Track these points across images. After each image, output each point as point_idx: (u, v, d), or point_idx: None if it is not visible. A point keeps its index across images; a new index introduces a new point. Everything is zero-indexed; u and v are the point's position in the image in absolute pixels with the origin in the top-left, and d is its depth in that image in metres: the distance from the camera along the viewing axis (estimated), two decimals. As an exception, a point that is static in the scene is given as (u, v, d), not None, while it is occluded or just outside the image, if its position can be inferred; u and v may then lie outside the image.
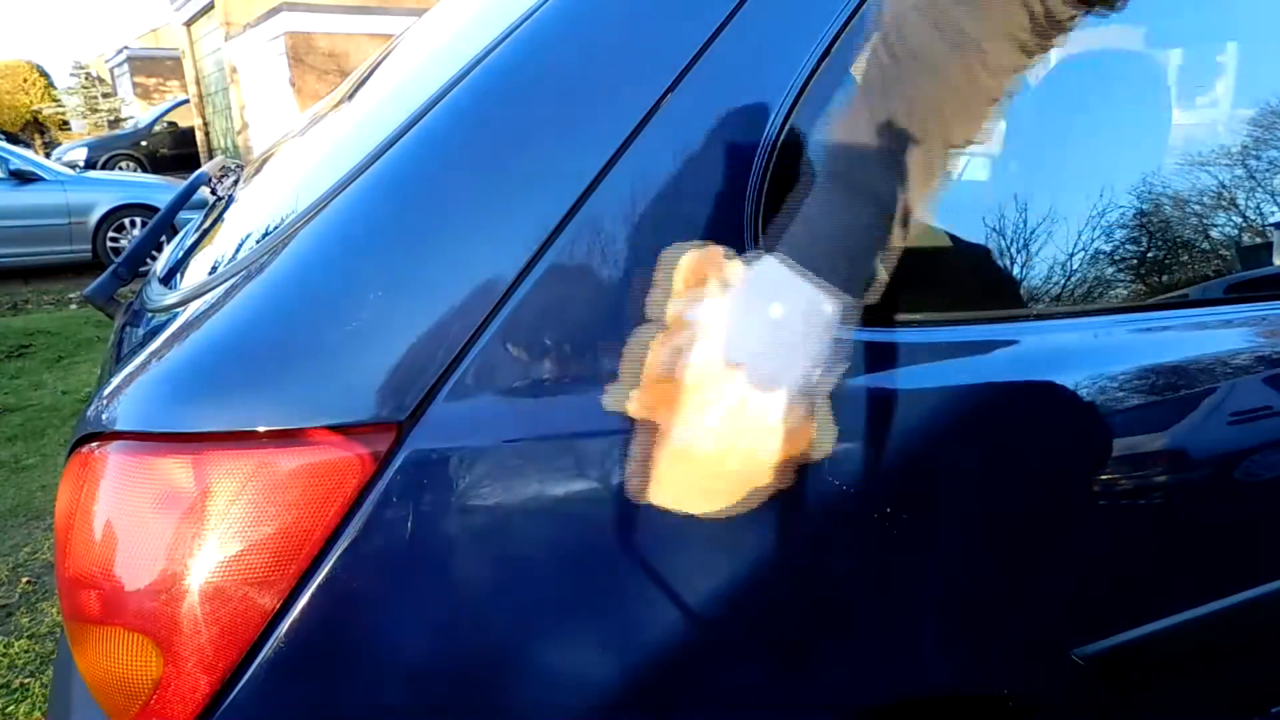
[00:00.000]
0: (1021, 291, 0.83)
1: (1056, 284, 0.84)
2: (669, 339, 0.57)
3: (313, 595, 0.56)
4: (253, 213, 0.90)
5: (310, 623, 0.57)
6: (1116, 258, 0.87)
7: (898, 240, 0.58)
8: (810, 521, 0.67)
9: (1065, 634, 0.81)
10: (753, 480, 0.57)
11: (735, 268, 0.58)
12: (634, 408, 0.58)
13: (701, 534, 0.64)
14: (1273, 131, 1.00)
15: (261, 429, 0.57)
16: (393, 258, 0.61)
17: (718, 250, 0.59)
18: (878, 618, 0.71)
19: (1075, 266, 0.84)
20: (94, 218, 6.89)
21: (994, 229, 0.82)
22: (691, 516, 0.60)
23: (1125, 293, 0.88)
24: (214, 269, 0.77)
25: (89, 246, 6.91)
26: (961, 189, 0.88)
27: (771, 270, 0.57)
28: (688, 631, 0.65)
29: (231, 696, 0.57)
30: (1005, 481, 0.74)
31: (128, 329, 0.88)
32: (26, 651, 1.91)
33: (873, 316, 0.70)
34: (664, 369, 0.56)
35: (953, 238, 0.83)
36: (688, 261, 0.58)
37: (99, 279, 1.10)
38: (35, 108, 23.40)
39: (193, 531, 0.55)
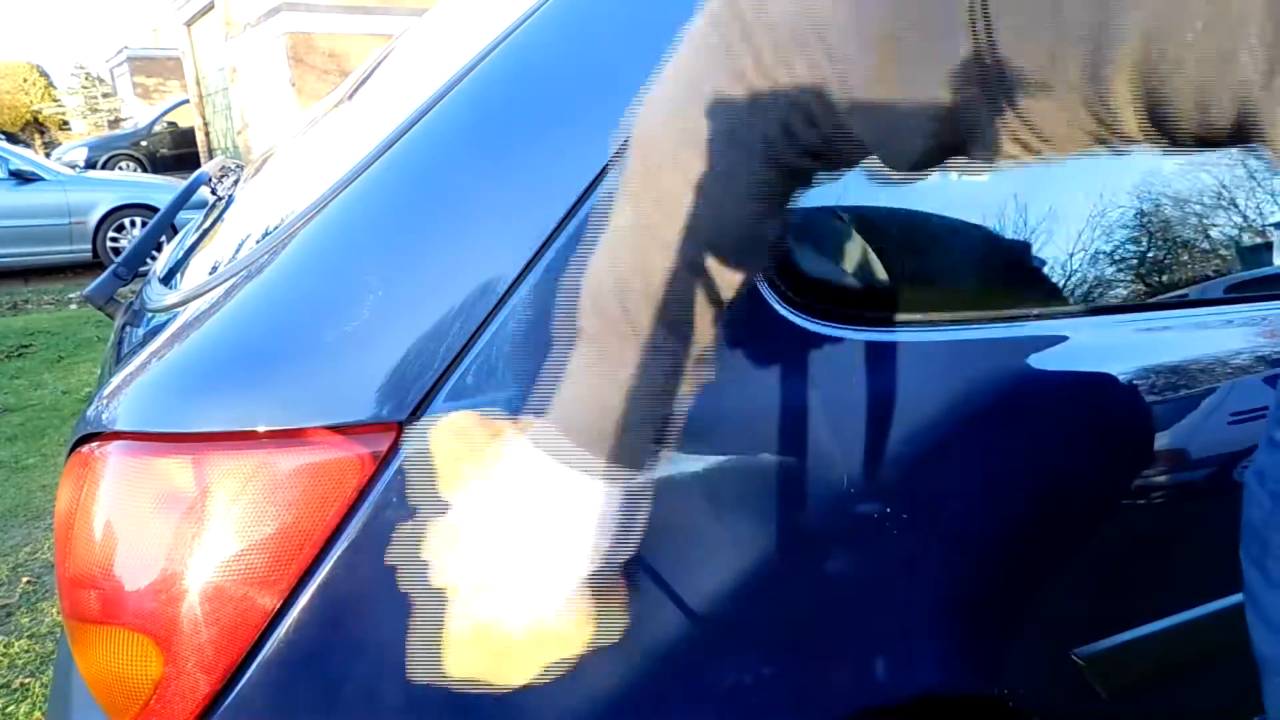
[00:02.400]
0: (1020, 292, 0.83)
1: (1056, 284, 0.84)
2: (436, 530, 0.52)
3: (313, 595, 0.56)
4: (253, 213, 0.90)
5: (310, 623, 0.57)
6: (1116, 258, 0.87)
7: (688, 385, 0.50)
8: (809, 521, 0.67)
9: (1065, 634, 0.81)
10: (548, 657, 0.52)
11: (488, 451, 0.51)
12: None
13: (701, 534, 0.64)
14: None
15: (262, 429, 0.57)
16: (393, 258, 0.61)
17: (470, 427, 0.52)
18: (877, 618, 0.71)
19: (1075, 266, 0.84)
20: (94, 218, 6.90)
21: (993, 229, 0.82)
22: (691, 516, 0.60)
23: (1125, 293, 0.88)
24: (214, 269, 0.77)
25: (89, 246, 6.91)
26: (960, 188, 0.88)
27: (526, 456, 0.50)
28: (687, 631, 0.65)
29: (232, 696, 0.57)
30: (1005, 481, 0.74)
31: (128, 329, 0.88)
32: (26, 651, 1.91)
33: (869, 316, 0.71)
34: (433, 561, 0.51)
35: (953, 238, 0.83)
36: (443, 442, 0.52)
37: (99, 279, 1.10)
38: (35, 108, 23.40)
39: (193, 531, 0.55)
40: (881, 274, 0.78)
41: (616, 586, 0.53)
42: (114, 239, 6.97)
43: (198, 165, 10.39)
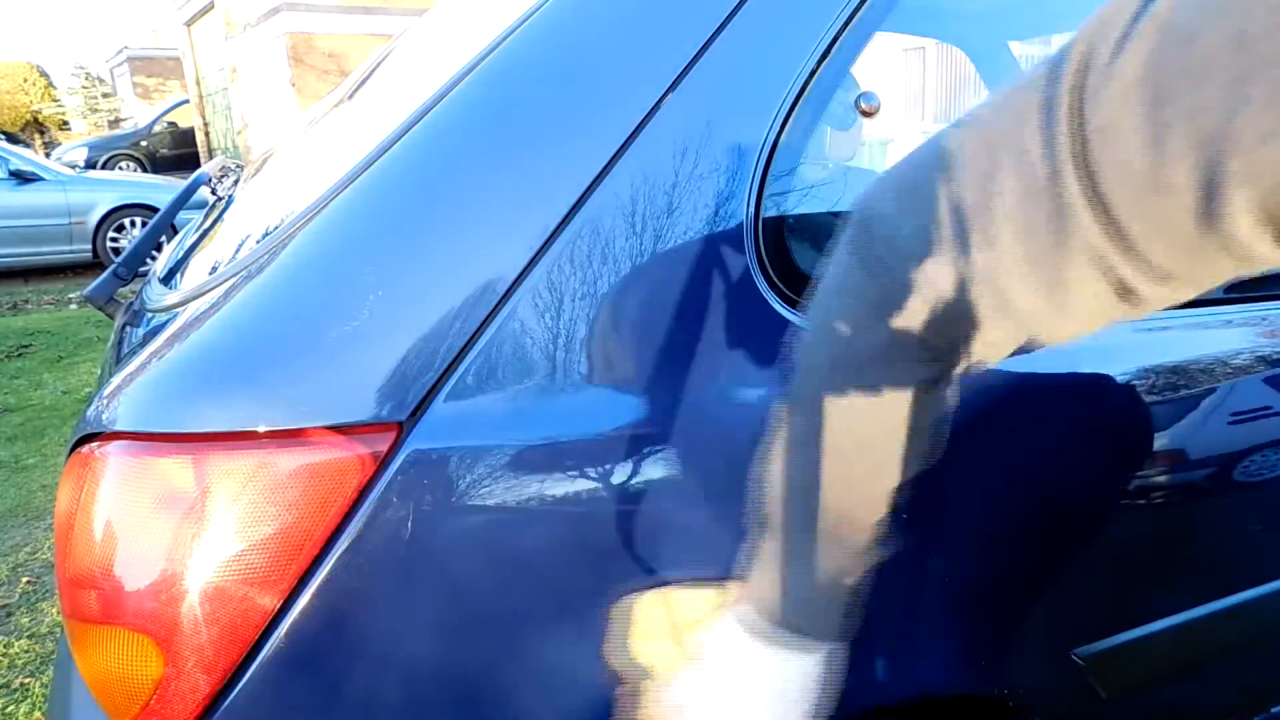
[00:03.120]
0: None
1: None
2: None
3: (313, 595, 0.56)
4: (253, 213, 0.90)
5: (311, 623, 0.57)
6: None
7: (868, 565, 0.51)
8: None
9: (1065, 634, 0.81)
10: None
11: (694, 635, 0.53)
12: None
13: (701, 534, 0.64)
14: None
15: (262, 429, 0.57)
16: (393, 258, 0.61)
17: (671, 608, 0.55)
18: (877, 618, 0.71)
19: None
20: (94, 218, 6.90)
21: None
22: (691, 516, 0.60)
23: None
24: (214, 269, 0.77)
25: (89, 246, 6.91)
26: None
27: (734, 639, 0.51)
28: (688, 631, 0.65)
29: (232, 696, 0.57)
30: (1005, 481, 0.74)
31: (128, 329, 0.88)
32: (26, 651, 1.91)
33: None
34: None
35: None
36: (644, 623, 0.55)
37: (99, 279, 1.10)
38: (35, 108, 23.40)
39: (193, 531, 0.55)
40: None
41: None
42: (114, 239, 6.97)
43: (198, 165, 10.39)
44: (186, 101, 14.87)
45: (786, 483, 0.49)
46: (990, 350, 0.44)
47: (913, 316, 0.43)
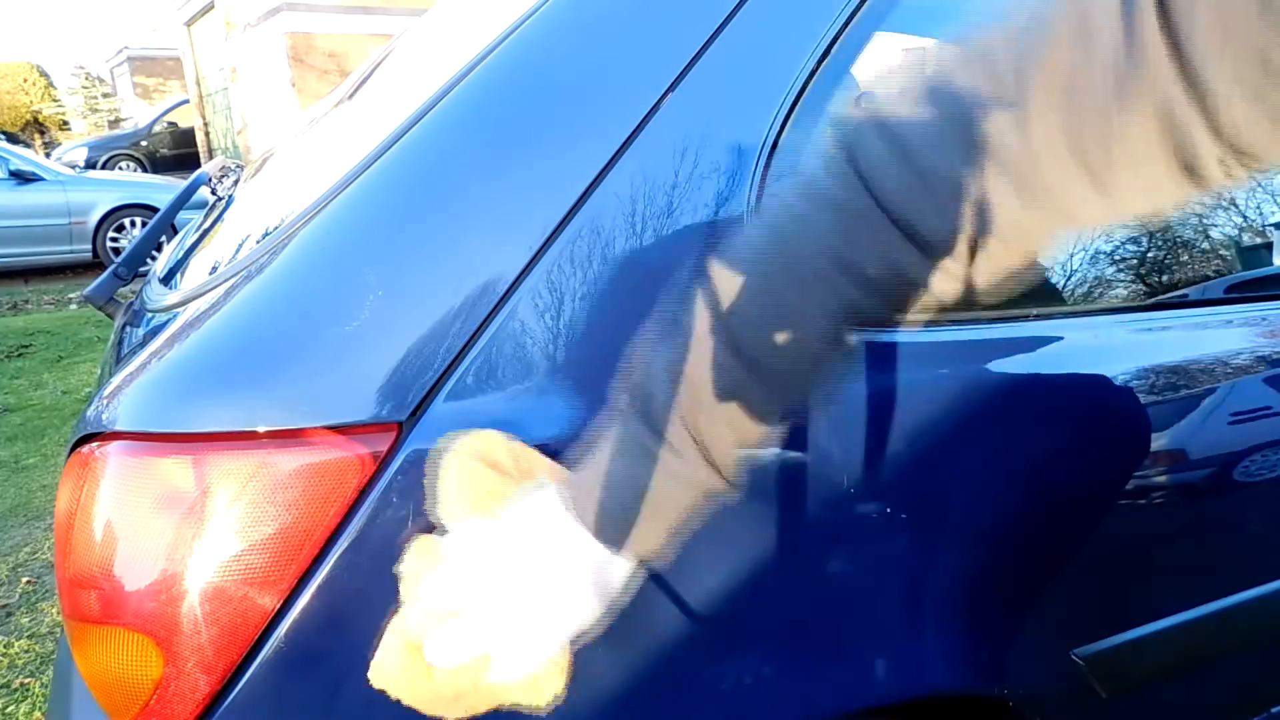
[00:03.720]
0: (1020, 291, 0.83)
1: (1056, 284, 0.84)
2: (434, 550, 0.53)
3: (313, 595, 0.56)
4: (253, 213, 0.90)
5: (310, 623, 0.57)
6: (1116, 258, 0.87)
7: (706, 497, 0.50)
8: (810, 520, 0.67)
9: (1065, 634, 0.81)
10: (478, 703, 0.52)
11: (507, 488, 0.52)
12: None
13: (701, 533, 0.64)
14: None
15: (262, 429, 0.57)
16: (393, 258, 0.61)
17: (498, 456, 0.53)
18: (878, 618, 0.71)
19: (1075, 267, 0.84)
20: (94, 218, 6.90)
21: (994, 229, 0.82)
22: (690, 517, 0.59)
23: (1124, 293, 0.88)
24: (214, 269, 0.77)
25: (89, 246, 6.91)
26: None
27: (545, 509, 0.51)
28: (687, 630, 0.65)
29: (232, 696, 0.57)
30: (1005, 482, 0.74)
31: (128, 329, 0.88)
32: (26, 651, 1.91)
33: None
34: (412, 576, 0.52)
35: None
36: (458, 465, 0.53)
37: (99, 279, 1.10)
38: (35, 108, 23.40)
39: (193, 531, 0.55)
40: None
41: (567, 658, 0.54)
42: (114, 239, 6.97)
43: (198, 165, 10.39)
44: (186, 101, 14.86)
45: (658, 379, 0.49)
46: None
47: None
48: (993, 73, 0.40)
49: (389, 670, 0.52)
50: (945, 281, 0.46)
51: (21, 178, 6.72)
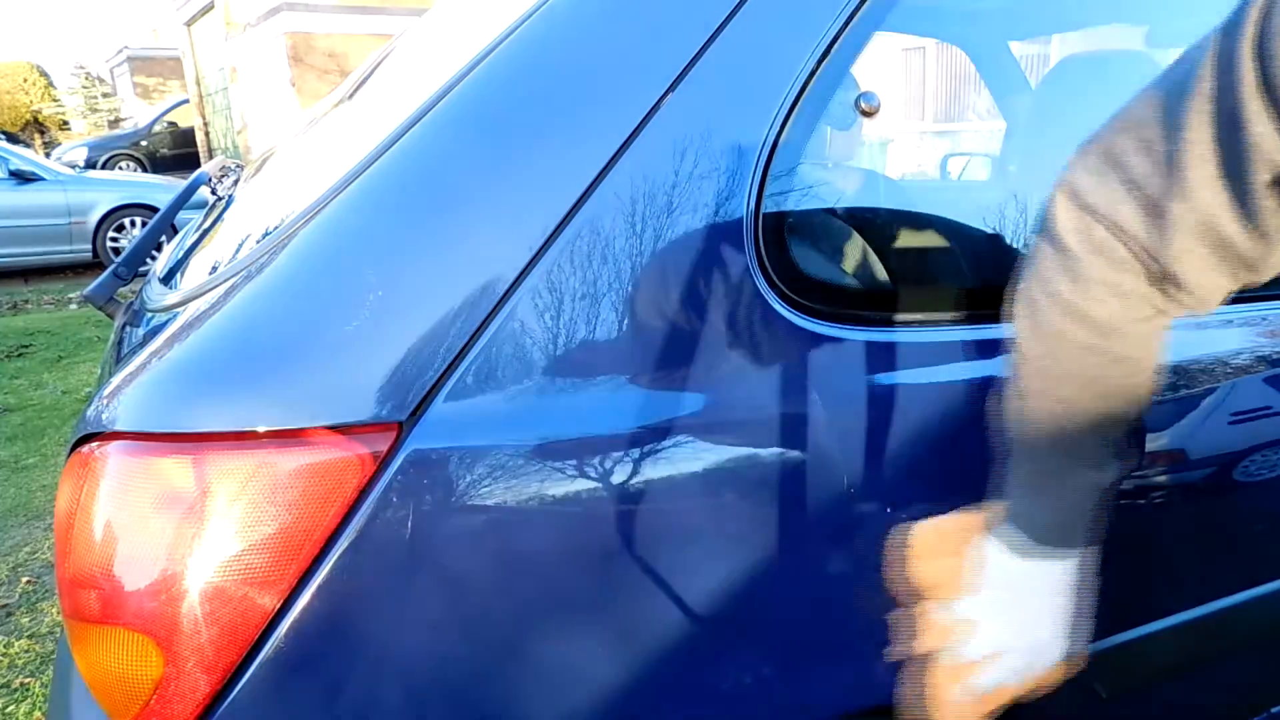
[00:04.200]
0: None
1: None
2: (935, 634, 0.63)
3: (313, 595, 0.56)
4: (253, 213, 0.90)
5: (310, 623, 0.57)
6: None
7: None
8: (809, 520, 0.67)
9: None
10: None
11: (966, 558, 0.62)
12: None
13: (701, 533, 0.64)
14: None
15: (262, 429, 0.57)
16: (393, 258, 0.61)
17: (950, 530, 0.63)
18: (878, 617, 0.71)
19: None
20: (94, 218, 6.89)
21: (992, 229, 0.82)
22: (692, 515, 0.60)
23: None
24: (214, 269, 0.77)
25: (89, 246, 6.90)
26: (960, 189, 0.88)
27: (1002, 555, 0.60)
28: (688, 631, 0.65)
29: (232, 696, 0.57)
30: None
31: (128, 329, 0.88)
32: (26, 651, 1.91)
33: (868, 316, 0.71)
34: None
35: (955, 238, 0.83)
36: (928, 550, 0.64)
37: (99, 279, 1.10)
38: (35, 108, 23.40)
39: (193, 531, 0.55)
40: (881, 274, 0.78)
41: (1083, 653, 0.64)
42: (114, 239, 6.97)
43: (198, 165, 10.40)
44: (186, 101, 14.86)
45: (1029, 417, 0.56)
46: (1204, 290, 0.50)
47: (1126, 268, 0.50)
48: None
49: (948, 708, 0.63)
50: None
51: (21, 177, 6.71)
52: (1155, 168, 0.48)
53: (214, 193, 1.34)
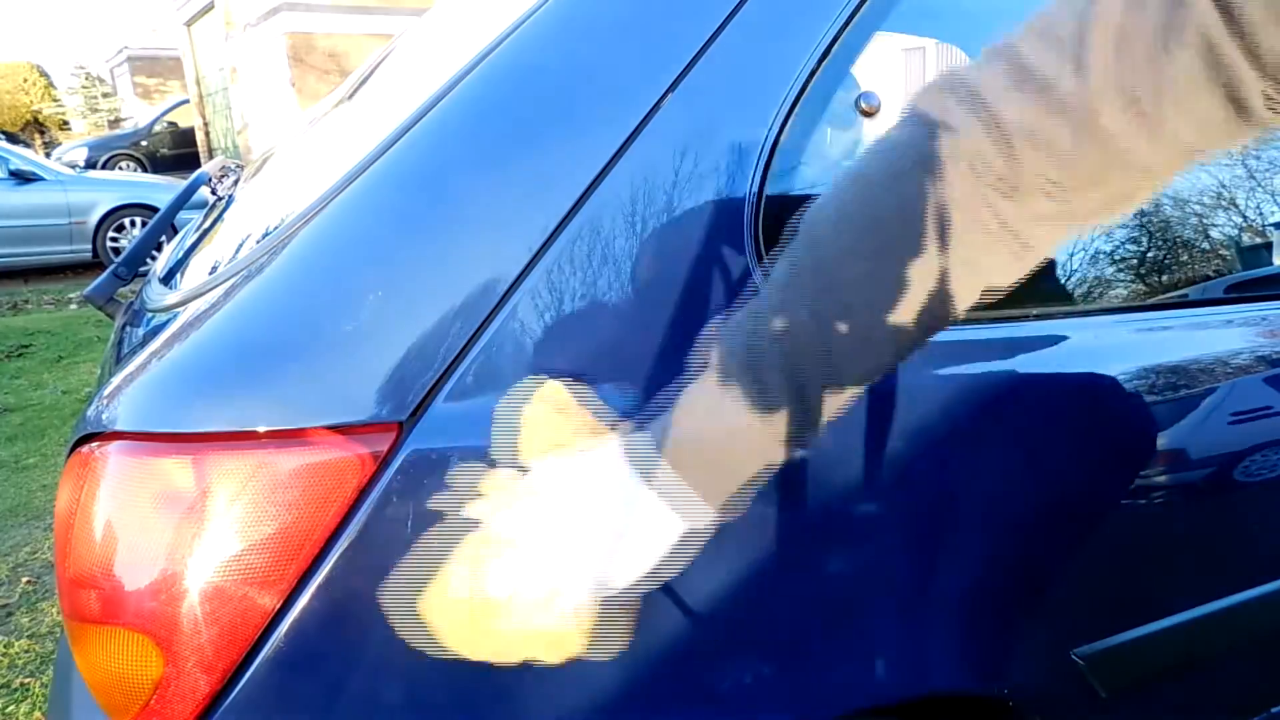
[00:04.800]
0: (1020, 292, 0.83)
1: (1057, 284, 0.84)
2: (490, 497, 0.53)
3: (313, 595, 0.56)
4: (253, 213, 0.90)
5: (310, 623, 0.57)
6: (1116, 258, 0.88)
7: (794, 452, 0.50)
8: (812, 519, 0.67)
9: (1066, 634, 0.81)
10: (533, 651, 0.53)
11: (575, 435, 0.53)
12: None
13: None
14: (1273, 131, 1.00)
15: (262, 429, 0.57)
16: (393, 258, 0.61)
17: (567, 405, 0.54)
18: (879, 618, 0.71)
19: (1075, 267, 0.84)
20: (94, 218, 6.90)
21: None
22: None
23: (1125, 293, 0.88)
24: (214, 269, 0.77)
25: (89, 246, 6.91)
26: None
27: (615, 459, 0.51)
28: (688, 630, 0.65)
29: (232, 696, 0.57)
30: (1005, 482, 0.74)
31: (128, 329, 0.88)
32: (26, 651, 1.91)
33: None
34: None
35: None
36: (536, 411, 0.54)
37: (99, 279, 1.10)
38: (35, 108, 23.42)
39: (193, 531, 0.55)
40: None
41: (634, 606, 0.54)
42: (114, 239, 6.98)
43: (198, 165, 10.39)
44: (186, 101, 14.87)
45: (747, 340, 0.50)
46: (1083, 192, 0.44)
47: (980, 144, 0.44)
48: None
49: (436, 601, 0.53)
50: None
51: (21, 177, 6.72)
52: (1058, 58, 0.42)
53: (214, 193, 1.34)
